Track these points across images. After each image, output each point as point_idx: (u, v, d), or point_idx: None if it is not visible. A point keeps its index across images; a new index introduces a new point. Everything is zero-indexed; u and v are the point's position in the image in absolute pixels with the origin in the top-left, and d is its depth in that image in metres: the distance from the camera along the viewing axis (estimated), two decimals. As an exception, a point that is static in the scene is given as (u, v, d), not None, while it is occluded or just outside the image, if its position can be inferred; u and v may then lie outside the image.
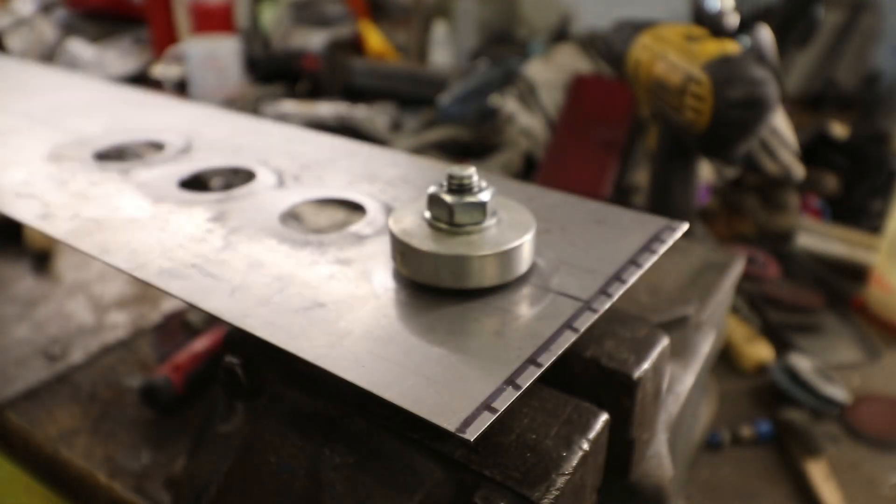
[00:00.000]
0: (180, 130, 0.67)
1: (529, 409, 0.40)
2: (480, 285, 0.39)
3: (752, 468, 0.82)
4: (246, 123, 0.70)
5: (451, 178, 0.41)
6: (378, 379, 0.34)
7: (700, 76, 0.80)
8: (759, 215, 1.30)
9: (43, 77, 0.90)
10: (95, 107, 0.75)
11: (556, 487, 0.35)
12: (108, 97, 0.80)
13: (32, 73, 0.92)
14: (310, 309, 0.39)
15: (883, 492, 0.78)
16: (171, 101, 0.79)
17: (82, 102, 0.77)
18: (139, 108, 0.75)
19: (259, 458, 0.41)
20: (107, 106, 0.76)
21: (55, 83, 0.86)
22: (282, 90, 1.94)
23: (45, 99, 0.78)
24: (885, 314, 1.05)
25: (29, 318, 0.97)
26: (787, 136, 1.21)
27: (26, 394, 0.82)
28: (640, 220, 0.48)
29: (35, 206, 0.51)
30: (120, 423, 0.79)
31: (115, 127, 0.69)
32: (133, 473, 0.72)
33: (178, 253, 0.45)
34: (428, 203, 0.41)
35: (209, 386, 0.83)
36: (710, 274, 0.73)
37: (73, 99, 0.78)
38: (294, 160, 0.60)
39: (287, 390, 0.43)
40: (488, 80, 1.64)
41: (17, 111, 0.73)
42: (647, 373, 0.42)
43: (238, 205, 0.52)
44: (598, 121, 1.37)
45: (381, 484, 0.38)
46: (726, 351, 0.98)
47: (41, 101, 0.77)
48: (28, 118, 0.71)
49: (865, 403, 0.89)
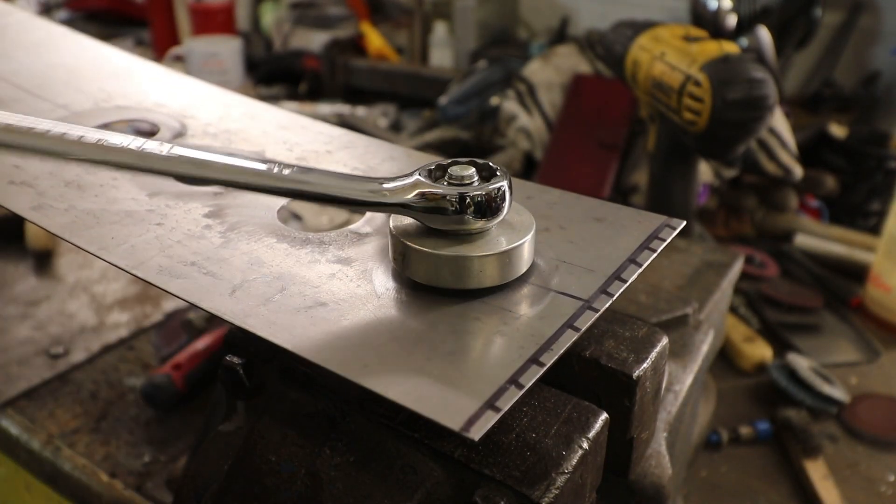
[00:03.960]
0: (174, 111, 0.66)
1: (529, 408, 0.40)
2: (481, 285, 0.39)
3: (750, 467, 0.82)
4: (240, 106, 0.68)
5: (451, 177, 0.41)
6: (381, 378, 0.34)
7: (699, 77, 0.80)
8: (758, 215, 1.30)
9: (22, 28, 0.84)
10: (82, 73, 0.72)
11: (555, 486, 0.35)
12: (94, 60, 0.76)
13: (9, 19, 0.86)
14: (311, 308, 0.39)
15: (881, 490, 0.78)
16: (162, 71, 0.76)
17: (68, 66, 0.73)
18: (130, 77, 0.72)
19: (260, 457, 0.42)
20: (94, 73, 0.73)
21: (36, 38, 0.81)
22: (283, 91, 1.94)
23: (28, 62, 0.74)
24: (883, 314, 1.05)
25: (31, 317, 0.98)
26: (786, 137, 1.22)
27: (28, 393, 0.82)
28: (639, 217, 0.48)
29: (29, 196, 0.50)
30: (121, 422, 0.79)
31: (106, 102, 0.67)
32: (134, 472, 0.73)
33: (176, 250, 0.44)
34: None
35: (210, 385, 0.83)
36: (709, 273, 0.74)
37: (58, 63, 0.74)
38: (291, 151, 0.59)
39: (288, 389, 0.43)
40: (488, 81, 1.65)
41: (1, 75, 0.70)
42: (646, 372, 0.43)
43: (236, 199, 0.51)
44: (597, 121, 1.37)
45: (381, 483, 0.38)
46: (725, 350, 0.98)
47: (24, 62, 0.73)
48: (13, 86, 0.68)
49: (864, 403, 0.89)
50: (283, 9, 2.29)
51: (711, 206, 1.28)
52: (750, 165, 1.23)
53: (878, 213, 1.34)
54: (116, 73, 0.74)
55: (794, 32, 1.54)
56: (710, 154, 0.92)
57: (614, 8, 2.07)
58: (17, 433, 0.77)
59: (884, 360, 0.99)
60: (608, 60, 1.07)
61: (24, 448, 0.76)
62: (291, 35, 2.17)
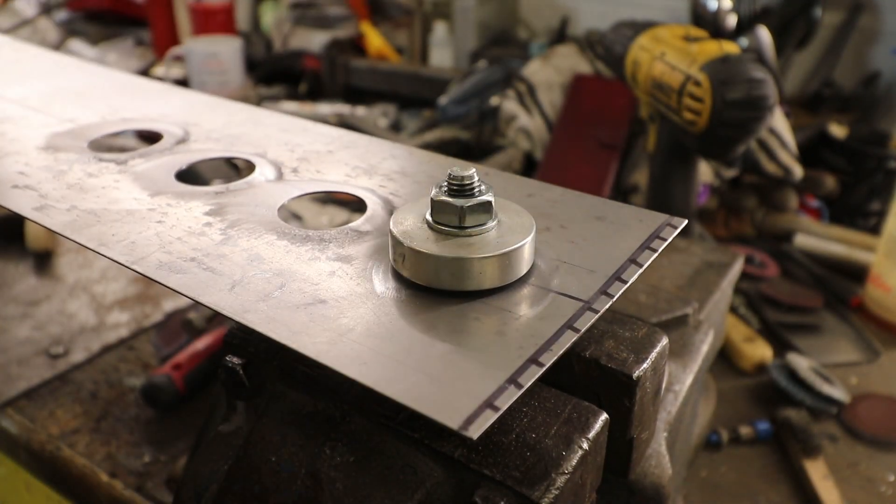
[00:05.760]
0: (177, 120, 0.67)
1: (529, 408, 0.40)
2: (480, 287, 0.39)
3: (750, 467, 0.82)
4: (242, 113, 0.69)
5: (451, 178, 0.41)
6: (380, 376, 0.34)
7: (699, 77, 0.80)
8: (758, 215, 1.30)
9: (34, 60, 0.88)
10: (90, 94, 0.74)
11: (555, 486, 0.35)
12: (103, 83, 0.79)
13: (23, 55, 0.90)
14: (311, 305, 0.39)
15: (881, 490, 0.78)
16: (167, 87, 0.78)
17: (76, 89, 0.76)
18: (134, 95, 0.75)
19: (260, 457, 0.42)
20: (101, 93, 0.75)
21: (47, 68, 0.85)
22: (283, 91, 1.95)
23: (38, 85, 0.76)
24: (883, 314, 1.06)
25: (31, 317, 0.98)
26: (786, 137, 1.22)
27: (28, 393, 0.82)
28: (640, 216, 0.48)
29: (31, 198, 0.51)
30: (121, 421, 0.79)
31: (112, 116, 0.68)
32: (134, 472, 0.73)
33: (176, 246, 0.45)
34: (432, 207, 0.41)
35: (210, 385, 0.83)
36: (709, 274, 0.74)
37: (67, 84, 0.77)
38: (293, 152, 0.60)
39: (288, 389, 0.43)
40: (488, 81, 1.65)
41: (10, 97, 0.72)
42: (646, 372, 0.43)
43: (236, 198, 0.51)
44: (598, 121, 1.37)
45: (381, 483, 0.38)
46: (725, 350, 0.98)
47: (34, 87, 0.76)
48: (21, 106, 0.70)
49: (863, 402, 0.89)
50: (283, 9, 2.29)
51: (711, 206, 1.28)
52: (750, 165, 1.23)
53: (878, 213, 1.34)
54: (122, 92, 0.76)
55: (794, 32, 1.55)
56: (710, 154, 0.92)
57: (614, 8, 2.07)
58: (17, 433, 0.77)
59: (884, 360, 0.99)
60: (608, 60, 1.07)
61: (24, 448, 0.76)
62: (291, 35, 2.17)
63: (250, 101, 1.79)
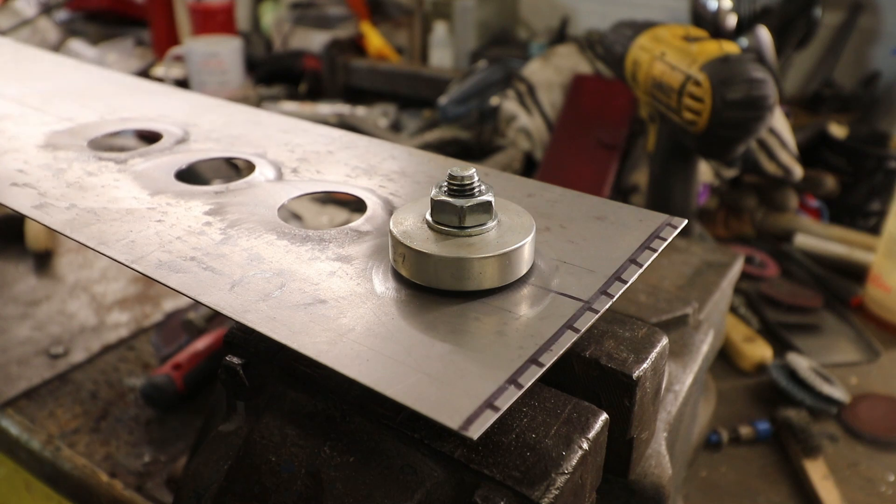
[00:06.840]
0: (177, 120, 0.67)
1: (529, 408, 0.40)
2: (480, 287, 0.39)
3: (750, 467, 0.82)
4: (242, 113, 0.70)
5: (451, 178, 0.41)
6: (380, 376, 0.34)
7: (699, 77, 0.80)
8: (758, 215, 1.30)
9: (35, 61, 0.88)
10: (88, 94, 0.74)
11: (555, 486, 0.35)
12: (101, 83, 0.79)
13: (24, 56, 0.90)
14: (311, 305, 0.39)
15: (881, 490, 0.78)
16: (166, 88, 0.78)
17: (76, 89, 0.76)
18: (134, 94, 0.75)
19: (260, 457, 0.42)
20: (100, 93, 0.75)
21: (45, 68, 0.85)
22: (283, 91, 1.95)
23: (36, 84, 0.76)
24: (883, 314, 1.06)
25: (31, 317, 0.98)
26: (786, 137, 1.22)
27: (28, 393, 0.82)
28: (640, 216, 0.48)
29: (31, 196, 0.51)
30: (121, 421, 0.79)
31: (111, 115, 0.68)
32: (134, 472, 0.73)
33: (176, 245, 0.45)
34: (432, 207, 0.41)
35: (210, 385, 0.83)
36: (709, 273, 0.74)
37: (65, 84, 0.77)
38: (292, 152, 0.60)
39: (287, 389, 0.43)
40: (488, 81, 1.65)
41: (9, 96, 0.73)
42: (646, 372, 0.43)
43: (236, 198, 0.51)
44: (598, 121, 1.37)
45: (381, 483, 0.38)
46: (725, 350, 0.98)
47: (33, 86, 0.76)
48: (20, 104, 0.70)
49: (863, 403, 0.89)
50: (283, 9, 2.29)
51: (711, 206, 1.28)
52: (750, 165, 1.23)
53: (878, 213, 1.34)
54: (122, 92, 0.76)
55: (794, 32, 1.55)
56: (710, 154, 0.92)
57: (614, 8, 2.07)
58: (17, 433, 0.77)
59: (884, 360, 0.99)
60: (608, 60, 1.07)
61: (24, 448, 0.76)
62: (291, 35, 2.17)
63: (250, 101, 1.79)
